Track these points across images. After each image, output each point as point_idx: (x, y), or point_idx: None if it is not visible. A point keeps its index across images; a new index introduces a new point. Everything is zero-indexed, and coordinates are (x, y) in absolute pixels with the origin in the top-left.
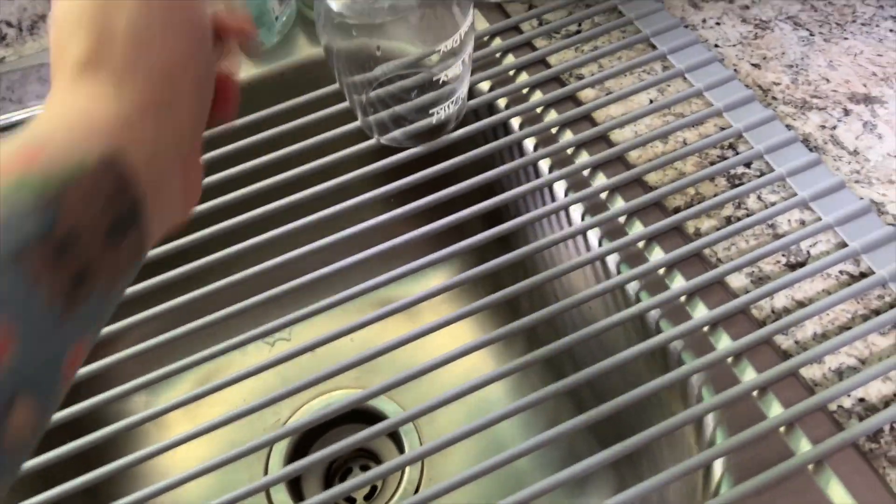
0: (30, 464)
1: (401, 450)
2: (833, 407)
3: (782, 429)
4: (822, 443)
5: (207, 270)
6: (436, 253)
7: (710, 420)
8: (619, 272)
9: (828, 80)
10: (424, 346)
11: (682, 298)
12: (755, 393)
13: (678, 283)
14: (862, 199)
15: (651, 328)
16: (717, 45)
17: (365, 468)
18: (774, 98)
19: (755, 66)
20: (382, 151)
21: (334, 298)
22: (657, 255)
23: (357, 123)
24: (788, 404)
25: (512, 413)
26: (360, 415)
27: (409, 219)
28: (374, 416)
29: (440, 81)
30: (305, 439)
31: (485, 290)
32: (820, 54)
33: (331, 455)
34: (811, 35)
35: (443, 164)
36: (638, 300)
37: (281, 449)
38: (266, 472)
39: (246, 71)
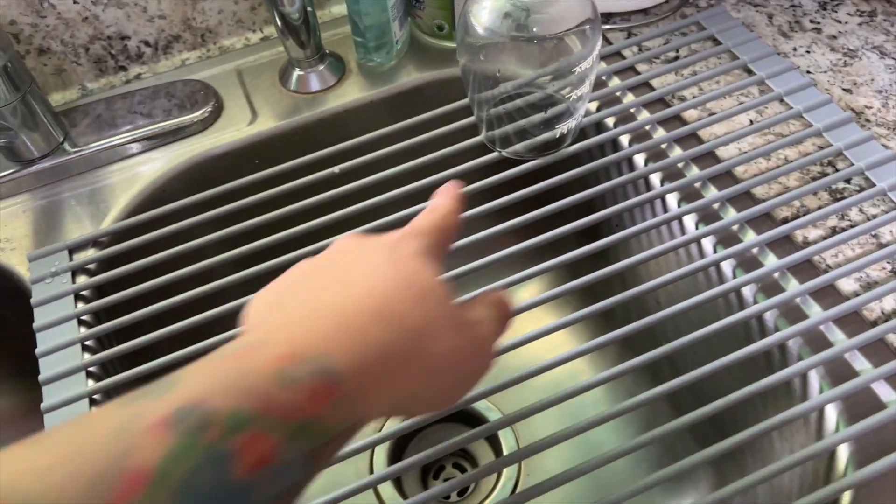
0: None
1: (496, 449)
2: None
3: None
4: None
5: None
6: (536, 266)
7: (831, 410)
8: (734, 277)
9: None
10: (519, 351)
11: (798, 300)
12: (873, 385)
13: (793, 286)
14: None
15: (769, 329)
16: (808, 72)
17: (457, 465)
18: (867, 120)
19: (847, 90)
20: (491, 168)
21: None
22: (771, 260)
23: (475, 139)
24: None
25: (610, 418)
26: (457, 413)
27: (515, 231)
28: (470, 415)
29: (569, 99)
30: (405, 434)
31: (581, 298)
32: None
33: (432, 456)
34: None
35: (552, 179)
36: (755, 302)
37: (381, 454)
38: (371, 464)
39: (366, 91)
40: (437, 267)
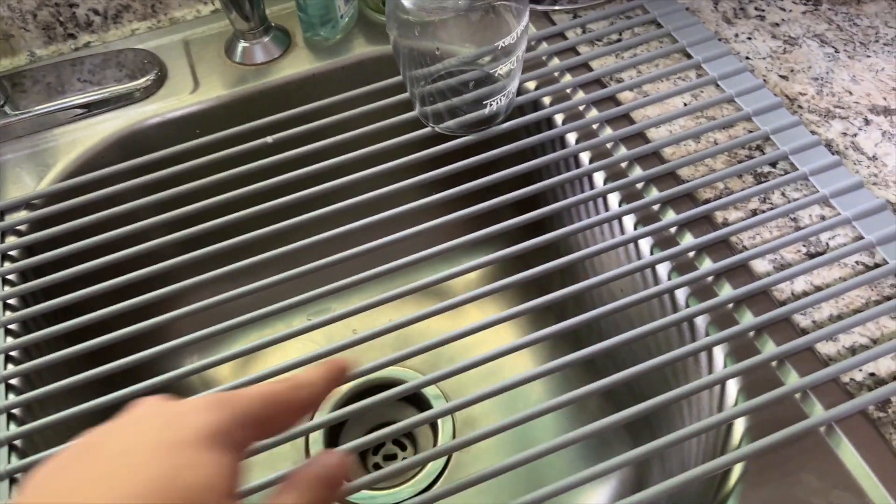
0: (84, 406)
1: (437, 438)
2: (846, 379)
3: (798, 395)
4: (835, 408)
5: (261, 241)
6: (469, 235)
7: (732, 385)
8: (651, 254)
9: (850, 93)
10: (451, 315)
11: (710, 279)
12: (774, 363)
13: (706, 265)
14: (878, 198)
15: (680, 305)
16: (747, 58)
17: (398, 444)
18: (800, 107)
19: (783, 77)
20: (426, 142)
21: (372, 272)
22: (688, 239)
23: (410, 114)
24: (804, 374)
25: (535, 377)
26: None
27: (447, 204)
28: (411, 398)
29: (495, 75)
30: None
31: (514, 270)
32: (844, 69)
33: (362, 409)
34: (836, 52)
35: (485, 154)
36: (669, 279)
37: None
38: (307, 450)
39: (311, 64)
40: (229, 454)
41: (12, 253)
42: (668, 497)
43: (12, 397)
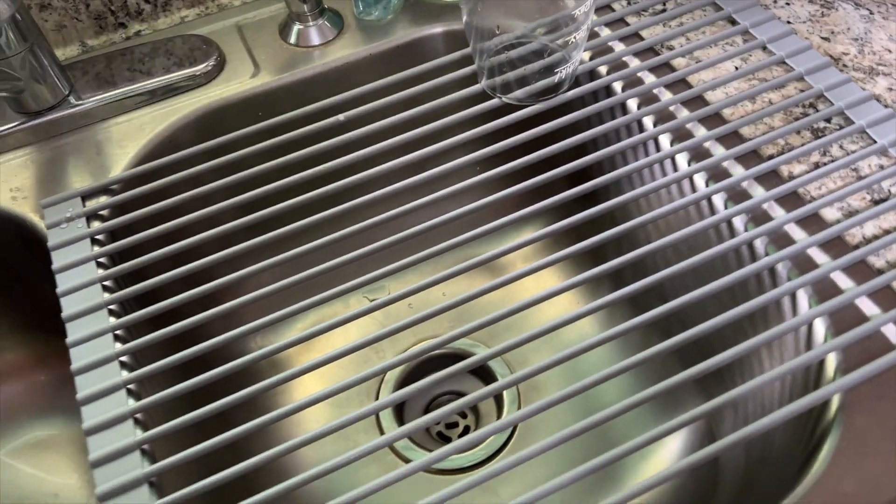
0: (163, 394)
1: (498, 400)
2: None
3: (883, 328)
4: None
5: (321, 225)
6: (523, 210)
7: (819, 324)
8: (725, 209)
9: (890, 51)
10: (515, 299)
11: (785, 228)
12: (857, 301)
13: (780, 214)
14: None
15: (759, 254)
16: (789, 22)
17: (461, 415)
18: (845, 66)
19: (825, 38)
20: (485, 117)
21: (429, 251)
22: (759, 192)
23: (474, 87)
24: (887, 310)
25: (599, 342)
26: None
27: (504, 178)
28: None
29: (566, 43)
30: (406, 385)
31: (573, 240)
32: (881, 30)
33: (431, 383)
34: (871, 14)
35: (544, 126)
36: (746, 231)
37: (385, 393)
38: (378, 423)
39: (364, 45)
40: None
41: (99, 237)
42: (747, 437)
43: (125, 373)
